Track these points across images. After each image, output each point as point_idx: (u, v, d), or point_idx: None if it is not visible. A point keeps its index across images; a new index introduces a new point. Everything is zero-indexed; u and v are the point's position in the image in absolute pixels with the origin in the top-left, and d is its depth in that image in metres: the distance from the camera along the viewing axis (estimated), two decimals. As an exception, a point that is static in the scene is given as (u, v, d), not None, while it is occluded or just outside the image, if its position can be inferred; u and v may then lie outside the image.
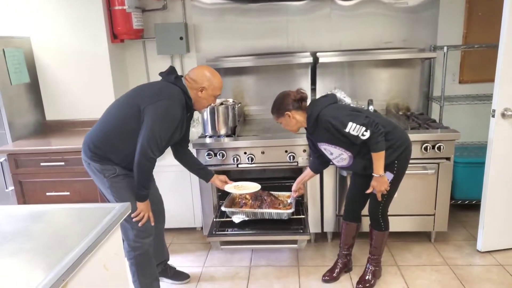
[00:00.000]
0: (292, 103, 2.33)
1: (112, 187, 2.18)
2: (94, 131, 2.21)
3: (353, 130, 2.16)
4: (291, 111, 2.33)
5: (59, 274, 1.07)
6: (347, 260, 2.71)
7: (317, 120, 2.28)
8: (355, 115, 2.21)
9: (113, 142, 2.15)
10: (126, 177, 2.19)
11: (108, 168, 2.16)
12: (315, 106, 2.32)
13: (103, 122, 2.21)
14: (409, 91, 3.54)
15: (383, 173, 2.25)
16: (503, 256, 2.84)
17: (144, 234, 2.26)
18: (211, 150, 2.89)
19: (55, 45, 3.30)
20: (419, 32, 3.43)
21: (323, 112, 2.25)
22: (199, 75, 2.22)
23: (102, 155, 2.15)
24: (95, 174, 2.21)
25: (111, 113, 2.22)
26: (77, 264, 1.16)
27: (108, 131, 2.16)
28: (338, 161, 2.40)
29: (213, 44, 3.53)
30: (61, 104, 3.43)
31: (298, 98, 2.33)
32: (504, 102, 2.63)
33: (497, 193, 2.78)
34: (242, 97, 3.62)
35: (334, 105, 2.33)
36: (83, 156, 2.23)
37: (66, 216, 1.57)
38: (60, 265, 1.12)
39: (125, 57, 3.64)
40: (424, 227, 3.02)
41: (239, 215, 2.79)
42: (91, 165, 2.19)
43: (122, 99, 2.23)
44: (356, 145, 2.24)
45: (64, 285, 1.10)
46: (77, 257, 1.17)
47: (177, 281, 2.71)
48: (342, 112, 2.25)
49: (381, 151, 2.19)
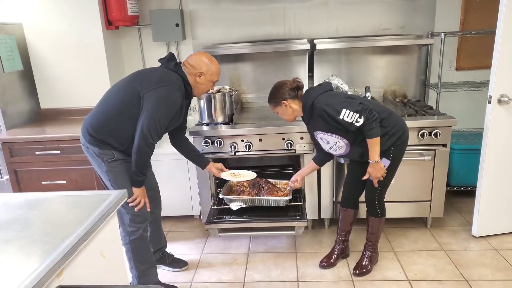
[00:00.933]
0: (288, 92, 2.33)
1: (110, 172, 2.18)
2: (93, 114, 2.21)
3: (347, 117, 2.15)
4: (287, 100, 2.33)
5: (54, 261, 1.07)
6: (344, 246, 2.73)
7: (311, 108, 2.28)
8: (349, 102, 2.20)
9: (112, 126, 2.14)
10: (124, 162, 2.19)
11: (106, 152, 2.16)
12: (309, 94, 2.32)
13: (102, 106, 2.20)
14: (406, 78, 3.53)
15: (379, 159, 2.25)
16: (497, 241, 2.87)
17: (139, 219, 2.27)
18: (208, 138, 2.88)
19: (48, 31, 3.26)
20: (416, 19, 3.41)
21: (317, 100, 2.25)
22: (197, 61, 2.22)
23: (101, 139, 2.15)
24: (93, 158, 2.21)
25: (110, 97, 2.21)
26: (73, 251, 1.16)
27: (107, 114, 2.16)
28: (335, 150, 2.39)
29: (209, 31, 3.50)
30: (56, 92, 3.39)
31: (294, 86, 2.33)
32: (500, 88, 2.63)
33: (493, 179, 2.80)
34: (239, 84, 3.60)
35: (329, 92, 2.32)
36: (82, 140, 2.23)
37: (62, 203, 1.57)
38: (55, 252, 1.11)
39: (120, 44, 3.60)
40: (420, 213, 3.04)
41: (236, 203, 2.80)
42: (90, 148, 2.19)
43: (121, 84, 2.22)
44: (351, 132, 2.24)
45: (60, 272, 1.10)
46: (73, 244, 1.17)
47: (175, 268, 2.73)
48: (336, 99, 2.25)
49: (376, 137, 2.19)
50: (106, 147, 2.16)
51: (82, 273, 1.27)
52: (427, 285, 2.45)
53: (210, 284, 2.58)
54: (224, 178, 2.66)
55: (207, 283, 2.58)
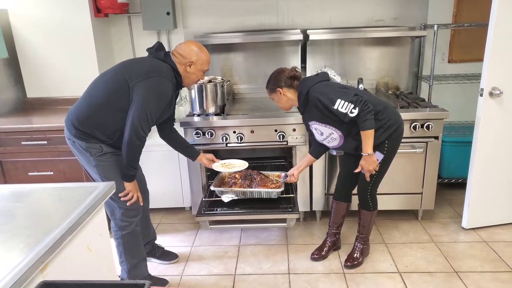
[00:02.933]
0: (284, 80, 2.32)
1: (99, 166, 2.13)
2: (78, 107, 2.13)
3: (342, 107, 2.13)
4: (282, 88, 2.32)
5: (37, 256, 1.03)
6: (335, 239, 2.73)
7: (306, 97, 2.26)
8: (344, 92, 2.18)
9: (100, 118, 2.08)
10: (113, 155, 2.14)
11: (94, 146, 2.10)
12: (305, 83, 2.30)
13: (88, 97, 2.13)
14: (399, 70, 3.52)
15: (372, 152, 2.23)
16: (487, 233, 2.89)
17: (132, 213, 2.23)
18: (199, 129, 2.84)
19: (35, 19, 3.16)
20: (410, 11, 3.39)
21: (312, 89, 2.23)
22: (187, 50, 2.17)
23: (88, 132, 2.09)
24: (80, 153, 2.15)
25: (97, 88, 2.13)
26: (58, 245, 1.12)
27: (95, 106, 2.08)
28: (329, 142, 2.37)
29: (201, 20, 3.43)
30: (43, 81, 3.31)
31: (291, 75, 2.32)
32: (492, 81, 2.62)
33: (483, 172, 2.81)
34: (231, 75, 3.55)
35: (324, 82, 2.30)
36: (67, 134, 2.16)
37: (47, 195, 1.52)
38: (39, 246, 1.07)
39: (110, 32, 3.52)
40: (411, 206, 3.05)
41: (228, 195, 2.77)
42: (76, 143, 2.12)
43: (109, 74, 2.15)
44: (346, 124, 2.22)
45: (44, 268, 1.06)
46: (58, 238, 1.13)
47: (165, 261, 2.70)
48: (331, 89, 2.23)
49: (369, 130, 2.17)
50: (93, 141, 2.09)
51: (68, 268, 1.23)
52: (417, 277, 2.46)
53: (201, 277, 2.56)
54: (215, 169, 2.62)
55: (197, 276, 2.56)
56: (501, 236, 2.86)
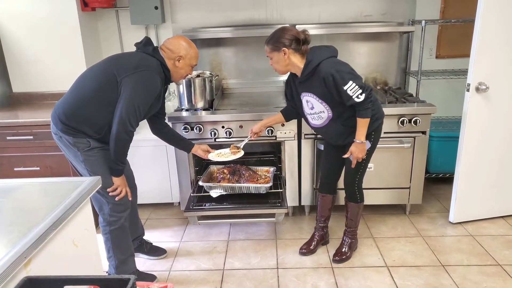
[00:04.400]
0: (294, 40, 2.14)
1: (86, 161, 2.11)
2: (65, 101, 2.11)
3: (350, 90, 2.09)
4: (289, 48, 2.14)
5: (21, 251, 1.01)
6: (324, 233, 2.74)
7: (316, 68, 2.14)
8: (356, 76, 2.15)
9: (87, 112, 2.06)
10: (100, 150, 2.12)
11: (81, 141, 2.08)
12: (316, 53, 2.17)
13: (75, 92, 2.10)
14: (387, 65, 3.53)
15: (365, 141, 2.24)
16: (473, 227, 2.93)
17: (120, 208, 2.21)
18: (188, 124, 2.82)
19: (21, 12, 3.10)
20: (398, 6, 3.40)
21: (325, 62, 2.13)
22: (176, 45, 2.16)
23: (75, 127, 2.06)
24: (67, 148, 2.12)
25: (85, 82, 2.11)
26: (42, 240, 1.10)
27: (82, 101, 2.06)
28: (313, 118, 2.33)
29: (189, 15, 3.40)
30: (29, 75, 3.25)
31: (301, 38, 2.14)
32: (478, 76, 2.65)
33: (470, 167, 2.84)
34: (220, 70, 3.54)
35: (336, 59, 2.21)
36: (53, 129, 2.14)
37: (32, 190, 1.50)
38: (22, 241, 1.05)
39: (97, 26, 3.47)
40: (399, 200, 3.07)
41: (217, 190, 2.77)
42: (63, 138, 2.09)
43: (97, 68, 2.13)
44: (342, 107, 2.19)
45: (27, 263, 1.05)
46: (42, 232, 1.11)
47: (154, 256, 2.69)
48: (345, 68, 2.15)
49: (367, 118, 2.18)
50: (81, 136, 2.07)
51: (53, 263, 1.21)
52: (405, 271, 2.49)
53: (189, 272, 2.55)
54: (212, 159, 2.56)
55: (186, 271, 2.56)
56: (487, 230, 2.90)
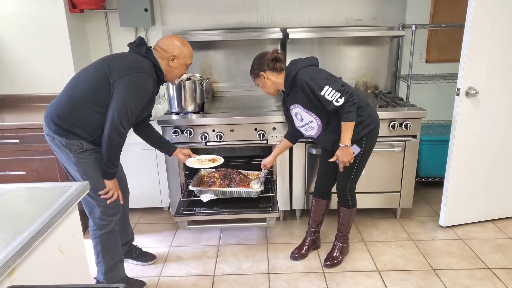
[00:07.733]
0: (267, 63, 2.30)
1: (79, 163, 2.07)
2: (58, 102, 2.07)
3: (328, 95, 2.13)
4: (265, 71, 2.30)
5: (4, 260, 0.98)
6: (315, 237, 2.73)
7: (294, 79, 2.24)
8: (333, 80, 2.19)
9: (80, 114, 2.03)
10: (93, 152, 2.09)
11: (74, 142, 2.04)
12: (294, 65, 2.29)
13: (68, 93, 2.07)
14: (378, 69, 3.55)
15: (349, 144, 2.24)
16: (463, 231, 2.95)
17: (111, 211, 2.18)
18: (178, 127, 2.79)
19: (7, 13, 3.04)
20: (388, 11, 3.42)
21: (301, 72, 2.22)
22: (169, 44, 2.13)
23: (68, 129, 2.03)
24: (60, 149, 2.09)
25: (78, 83, 2.08)
26: (27, 248, 1.07)
27: (75, 102, 2.03)
28: (307, 130, 2.37)
29: (179, 17, 3.38)
30: (16, 78, 3.19)
31: (272, 58, 2.30)
32: (468, 81, 2.66)
33: (460, 170, 2.86)
34: (211, 73, 3.51)
35: (313, 67, 2.30)
36: (46, 130, 2.10)
37: (18, 196, 1.46)
38: (6, 249, 1.02)
39: (86, 28, 3.42)
40: (390, 204, 3.08)
41: (207, 194, 2.74)
42: (56, 139, 2.06)
43: (90, 69, 2.10)
44: (327, 114, 2.22)
45: (11, 272, 1.01)
46: (27, 240, 1.07)
47: (143, 262, 2.64)
48: (320, 74, 2.23)
49: (351, 121, 2.18)
50: (74, 137, 2.04)
51: (38, 272, 1.18)
52: (396, 275, 2.48)
53: (179, 277, 2.51)
54: (188, 165, 2.51)
55: (175, 277, 2.52)
56: (477, 233, 2.91)
